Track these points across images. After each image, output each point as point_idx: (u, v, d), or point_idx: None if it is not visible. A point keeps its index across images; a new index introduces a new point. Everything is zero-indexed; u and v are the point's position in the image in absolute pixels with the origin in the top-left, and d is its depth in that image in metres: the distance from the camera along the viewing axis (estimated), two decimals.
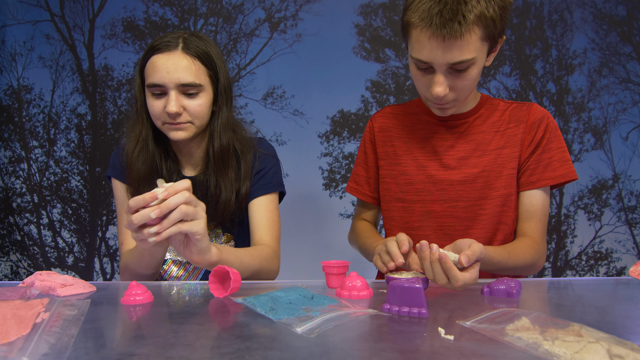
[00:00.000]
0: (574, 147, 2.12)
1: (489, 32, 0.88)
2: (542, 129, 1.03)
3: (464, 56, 0.87)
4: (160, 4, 2.12)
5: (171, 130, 1.01)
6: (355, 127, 2.13)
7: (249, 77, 2.13)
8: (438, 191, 1.07)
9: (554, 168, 1.01)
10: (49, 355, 0.49)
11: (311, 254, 1.98)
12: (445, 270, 0.72)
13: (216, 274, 0.77)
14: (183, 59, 0.98)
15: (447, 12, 0.83)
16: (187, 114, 1.00)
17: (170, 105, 0.97)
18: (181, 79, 0.97)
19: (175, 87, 0.98)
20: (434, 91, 0.92)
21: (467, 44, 0.86)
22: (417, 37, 0.89)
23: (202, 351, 0.50)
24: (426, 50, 0.88)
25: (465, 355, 0.48)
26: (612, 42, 2.10)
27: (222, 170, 1.07)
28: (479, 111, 1.07)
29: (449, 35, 0.84)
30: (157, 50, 0.98)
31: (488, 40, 0.90)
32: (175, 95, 0.98)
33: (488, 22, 0.86)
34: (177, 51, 0.98)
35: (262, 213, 1.09)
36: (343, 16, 2.10)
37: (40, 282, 0.79)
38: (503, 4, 0.88)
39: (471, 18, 0.84)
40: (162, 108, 0.99)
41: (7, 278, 2.18)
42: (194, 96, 1.00)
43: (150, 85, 0.98)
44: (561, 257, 2.14)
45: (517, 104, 1.07)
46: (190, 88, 0.99)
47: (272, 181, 1.12)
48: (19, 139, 2.13)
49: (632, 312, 0.69)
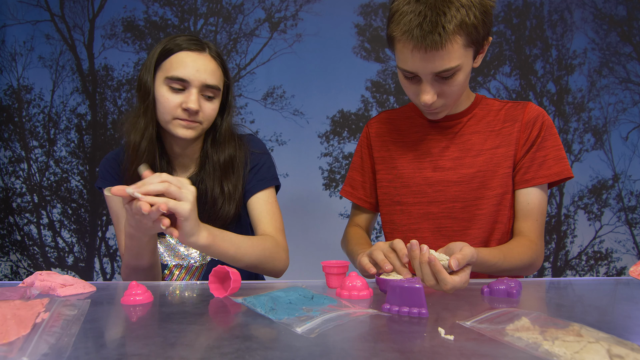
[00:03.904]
0: (574, 147, 2.12)
1: (472, 38, 0.89)
2: (538, 127, 1.03)
3: (448, 65, 0.88)
4: (160, 4, 2.12)
5: (181, 127, 1.01)
6: (355, 127, 2.13)
7: (249, 77, 2.13)
8: (435, 193, 1.07)
9: (549, 166, 1.02)
10: (49, 355, 0.49)
11: (311, 254, 1.97)
12: (434, 272, 0.72)
13: (216, 274, 0.77)
14: (211, 62, 1.02)
15: (427, 25, 0.85)
16: (201, 114, 1.02)
17: (191, 101, 0.98)
18: (207, 80, 1.00)
19: (199, 85, 0.99)
20: (422, 99, 0.94)
21: (450, 53, 0.87)
22: (401, 49, 0.91)
23: (202, 351, 0.50)
24: (410, 61, 0.90)
25: (465, 355, 0.48)
26: (612, 42, 2.11)
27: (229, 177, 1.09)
28: (473, 111, 1.08)
29: (430, 47, 0.86)
30: (184, 49, 1.00)
31: (472, 45, 0.91)
32: (196, 93, 0.99)
33: (470, 29, 0.87)
34: (206, 53, 1.02)
35: (262, 207, 1.10)
36: (343, 16, 2.10)
37: (40, 282, 0.79)
38: (484, 9, 0.89)
39: (451, 28, 0.85)
40: (177, 103, 0.99)
41: (7, 278, 2.18)
42: (210, 99, 1.03)
43: (173, 78, 0.98)
44: (561, 257, 2.14)
45: (512, 103, 1.08)
46: (210, 91, 1.02)
47: (267, 176, 1.13)
48: (19, 139, 2.13)
49: (632, 312, 0.69)
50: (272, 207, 1.11)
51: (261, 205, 1.10)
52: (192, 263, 1.11)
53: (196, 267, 1.12)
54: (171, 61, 0.99)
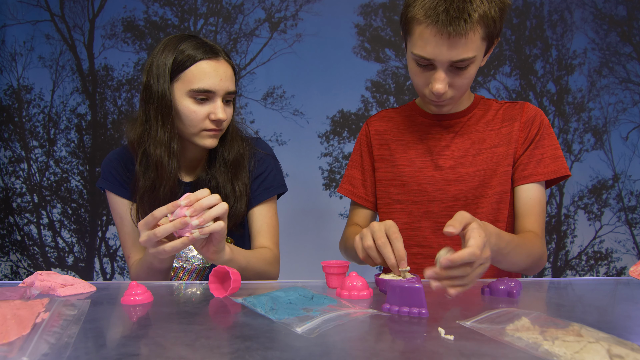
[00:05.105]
0: (574, 147, 2.12)
1: (489, 31, 0.90)
2: (536, 125, 1.04)
3: (467, 54, 0.89)
4: (160, 4, 2.12)
5: (209, 137, 1.01)
6: (355, 127, 2.13)
7: (249, 77, 2.13)
8: (435, 191, 1.07)
9: (546, 164, 1.03)
10: (49, 355, 0.49)
11: (311, 254, 1.98)
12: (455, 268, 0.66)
13: (216, 274, 0.77)
14: (228, 68, 1.01)
15: (454, 10, 0.85)
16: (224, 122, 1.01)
17: (219, 112, 0.98)
18: (229, 87, 1.00)
19: (223, 94, 0.99)
20: (434, 88, 0.93)
21: (470, 43, 0.88)
22: (421, 33, 0.90)
23: (202, 351, 0.50)
24: (430, 46, 0.89)
25: (465, 355, 0.48)
26: (612, 42, 2.10)
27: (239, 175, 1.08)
28: (473, 111, 1.09)
29: (454, 32, 0.86)
30: (202, 58, 0.97)
31: (487, 40, 0.92)
32: (221, 102, 0.99)
33: (489, 22, 0.88)
34: (222, 59, 1.00)
35: (263, 220, 1.11)
36: (343, 16, 2.10)
37: (40, 282, 0.79)
38: (502, 6, 0.90)
39: (476, 17, 0.86)
40: (205, 114, 0.98)
41: (7, 278, 2.18)
42: (229, 103, 1.03)
43: (199, 90, 0.96)
44: (561, 257, 2.14)
45: (509, 103, 1.09)
46: (230, 96, 1.01)
47: (273, 184, 1.13)
48: (19, 139, 2.13)
49: (632, 312, 0.69)
50: (272, 220, 1.13)
51: (263, 218, 1.11)
52: (195, 265, 1.11)
53: (199, 269, 1.12)
54: (192, 72, 0.97)
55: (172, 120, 0.99)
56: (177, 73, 0.97)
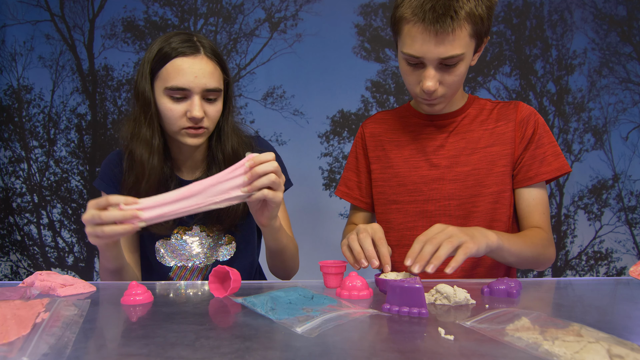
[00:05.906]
0: (574, 147, 2.12)
1: (477, 29, 0.92)
2: (532, 125, 1.05)
3: (455, 51, 0.90)
4: (160, 4, 2.12)
5: (189, 136, 0.99)
6: (355, 127, 2.13)
7: (249, 77, 2.13)
8: (430, 191, 1.08)
9: (549, 162, 1.04)
10: (49, 355, 0.49)
11: (311, 254, 1.97)
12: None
13: (216, 274, 0.77)
14: (208, 64, 0.97)
15: (440, 7, 0.87)
16: (206, 120, 0.99)
17: (195, 110, 0.95)
18: (207, 84, 0.97)
19: (200, 92, 0.96)
20: (425, 86, 0.95)
21: (458, 39, 0.90)
22: (409, 31, 0.92)
23: (202, 351, 0.50)
24: (418, 44, 0.91)
25: (465, 355, 0.48)
26: (612, 42, 2.10)
27: None
28: (467, 110, 1.10)
29: (441, 29, 0.88)
30: (179, 54, 0.96)
31: (475, 37, 0.93)
32: (198, 100, 0.97)
33: (477, 20, 0.90)
34: (200, 55, 0.97)
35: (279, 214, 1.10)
36: (343, 16, 2.10)
37: (40, 282, 0.79)
38: (490, 4, 0.92)
39: (462, 14, 0.88)
40: (182, 112, 0.97)
41: (7, 278, 2.18)
42: (213, 102, 1.00)
43: (173, 88, 0.95)
44: (561, 257, 2.14)
45: (503, 103, 1.10)
46: (212, 93, 0.98)
47: None
48: (19, 139, 2.13)
49: (632, 312, 0.69)
50: (283, 214, 1.16)
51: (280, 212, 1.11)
52: (196, 264, 1.11)
53: (200, 269, 1.12)
54: (167, 70, 0.96)
55: (153, 117, 0.99)
56: (156, 71, 0.98)
